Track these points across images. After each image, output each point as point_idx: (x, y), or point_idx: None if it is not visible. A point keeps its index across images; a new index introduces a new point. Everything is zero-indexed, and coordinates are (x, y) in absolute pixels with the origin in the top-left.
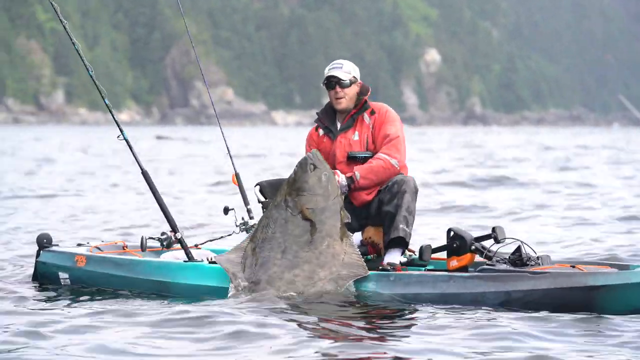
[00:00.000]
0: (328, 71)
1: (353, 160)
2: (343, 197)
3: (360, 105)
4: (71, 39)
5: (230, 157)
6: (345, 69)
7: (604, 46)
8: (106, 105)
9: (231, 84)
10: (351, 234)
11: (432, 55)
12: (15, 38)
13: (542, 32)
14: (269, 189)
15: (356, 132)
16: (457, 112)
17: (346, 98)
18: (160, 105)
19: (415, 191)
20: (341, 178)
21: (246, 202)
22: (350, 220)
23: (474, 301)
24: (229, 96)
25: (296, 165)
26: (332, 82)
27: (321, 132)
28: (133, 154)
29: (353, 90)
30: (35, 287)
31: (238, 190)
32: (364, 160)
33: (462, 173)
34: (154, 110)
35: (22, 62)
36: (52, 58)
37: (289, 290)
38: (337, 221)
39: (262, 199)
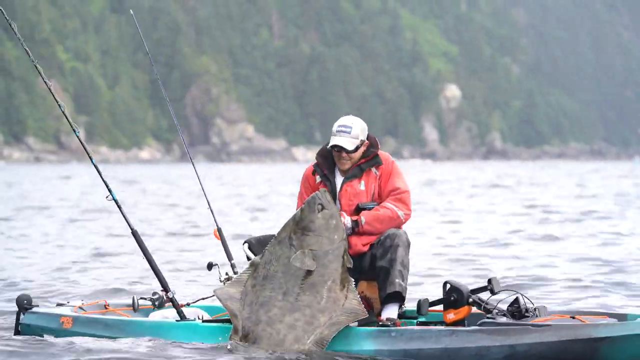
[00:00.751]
0: (335, 136)
1: (359, 211)
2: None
3: (371, 157)
4: (42, 77)
5: (212, 211)
6: (353, 134)
7: (624, 81)
8: (90, 159)
9: (252, 120)
10: (352, 279)
11: (452, 91)
12: (36, 78)
13: (562, 67)
14: (257, 246)
15: (362, 182)
16: (477, 147)
17: (351, 161)
18: (180, 143)
19: (408, 244)
20: (346, 220)
21: (230, 257)
22: (352, 266)
23: (477, 355)
24: (249, 133)
25: (304, 203)
26: (337, 148)
27: (318, 178)
28: (122, 213)
29: (360, 152)
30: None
31: (221, 246)
32: None
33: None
34: (175, 148)
35: (42, 101)
36: (73, 97)
37: (289, 334)
38: (340, 265)
39: (252, 256)
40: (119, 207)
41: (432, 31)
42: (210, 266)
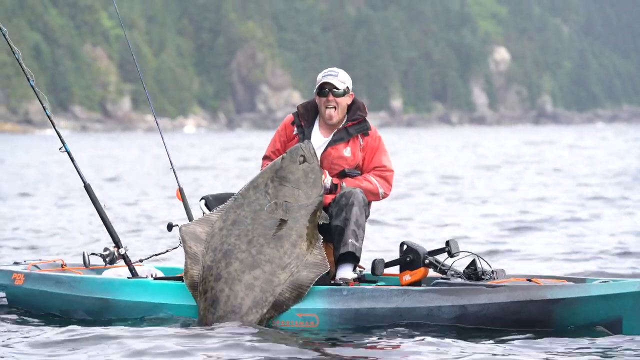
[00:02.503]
0: (322, 78)
1: (343, 176)
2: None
3: (359, 121)
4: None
5: (174, 170)
6: (340, 78)
7: None
8: (47, 114)
9: (297, 86)
10: (321, 237)
11: (502, 54)
12: (81, 45)
13: (615, 27)
14: (214, 203)
15: (348, 148)
16: (527, 111)
17: (338, 109)
18: (226, 111)
19: (365, 203)
20: (327, 179)
21: (190, 218)
22: (327, 222)
23: (429, 315)
24: (295, 99)
25: (286, 152)
26: (325, 90)
27: (295, 129)
28: (75, 166)
29: (345, 101)
30: None
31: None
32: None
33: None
34: (221, 116)
35: (88, 69)
36: (118, 65)
37: (247, 297)
38: (311, 222)
39: (208, 212)
40: (71, 159)
41: None
42: (170, 227)
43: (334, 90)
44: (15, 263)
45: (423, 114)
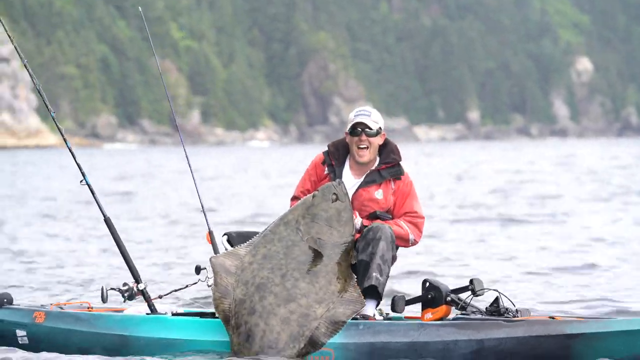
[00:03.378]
0: (354, 117)
1: (374, 219)
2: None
3: (392, 165)
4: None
5: (204, 212)
6: (373, 118)
7: None
8: (62, 137)
9: (371, 98)
10: (355, 276)
11: (584, 64)
12: (150, 58)
13: None
14: (237, 240)
15: (380, 191)
16: (611, 123)
17: (370, 149)
18: (298, 124)
19: (392, 240)
20: (357, 220)
21: None
22: (355, 262)
23: (445, 350)
24: None
25: (318, 189)
26: (358, 130)
27: (326, 169)
28: (95, 199)
29: (377, 141)
30: None
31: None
32: None
33: None
34: (292, 129)
35: (157, 82)
36: (188, 77)
37: (283, 332)
38: (345, 261)
39: (230, 248)
40: (92, 192)
41: (561, 0)
42: (198, 269)
43: (367, 130)
44: (42, 306)
45: (501, 126)
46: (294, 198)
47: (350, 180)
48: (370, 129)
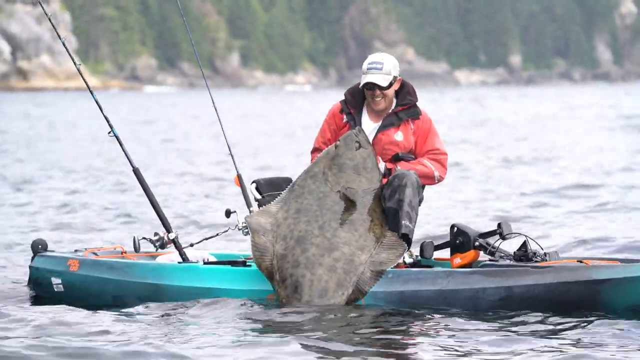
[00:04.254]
0: (366, 73)
1: (397, 161)
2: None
3: (409, 106)
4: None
5: (232, 156)
6: (385, 70)
7: None
8: (90, 92)
9: (412, 42)
10: None
11: (628, 7)
12: (190, 0)
13: None
14: (265, 187)
15: (400, 133)
16: None
17: (385, 99)
18: (337, 67)
19: (418, 185)
20: (381, 165)
21: (249, 204)
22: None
23: (474, 297)
24: (409, 56)
25: (339, 139)
26: (370, 85)
27: (345, 117)
28: (124, 150)
29: (392, 91)
30: (28, 294)
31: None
32: None
33: None
34: (331, 72)
35: (197, 25)
36: (227, 20)
37: (330, 280)
38: (378, 206)
39: (258, 196)
40: (120, 143)
41: None
42: (228, 213)
43: (380, 87)
44: (76, 251)
45: (543, 71)
46: (315, 150)
47: (369, 125)
48: (382, 86)
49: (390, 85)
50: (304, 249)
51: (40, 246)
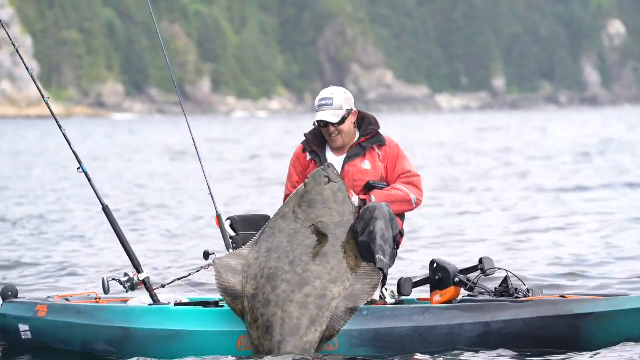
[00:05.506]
0: (317, 111)
1: (369, 190)
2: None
3: (371, 135)
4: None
5: (212, 196)
6: (336, 105)
7: None
8: (59, 126)
9: (390, 65)
10: None
11: (616, 27)
12: (158, 22)
13: None
14: (240, 225)
15: (367, 161)
16: None
17: (342, 135)
18: (313, 92)
19: (390, 218)
20: (354, 198)
21: (228, 246)
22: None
23: (451, 334)
24: (388, 79)
25: (308, 177)
26: (323, 123)
27: (308, 156)
28: (93, 187)
29: (347, 125)
30: None
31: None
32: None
33: None
34: (307, 97)
35: (165, 48)
36: (197, 43)
37: (302, 317)
38: (352, 238)
39: (233, 233)
40: (89, 180)
41: None
42: (207, 255)
43: (331, 123)
44: (48, 297)
45: (528, 94)
46: (286, 197)
47: (335, 160)
48: (333, 123)
49: (344, 120)
50: (274, 286)
51: (10, 292)
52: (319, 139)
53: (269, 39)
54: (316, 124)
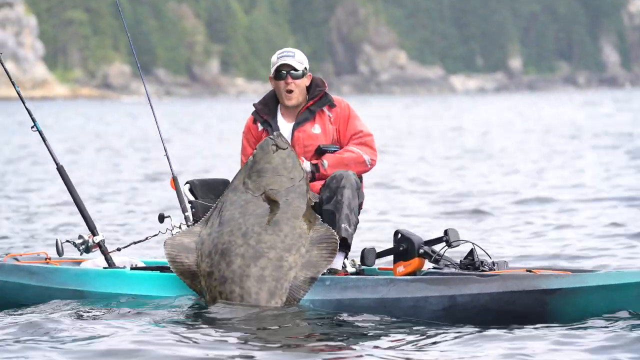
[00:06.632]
0: (278, 59)
1: (321, 154)
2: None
3: (319, 97)
4: None
5: (167, 157)
6: (298, 59)
7: None
8: (14, 85)
9: (404, 46)
10: (319, 216)
11: (637, 5)
12: (166, 2)
13: None
14: (200, 188)
15: (316, 126)
16: None
17: (297, 91)
18: (324, 73)
19: (357, 187)
20: (305, 164)
21: (184, 209)
22: (318, 201)
23: (415, 307)
24: (401, 60)
25: (256, 147)
26: (283, 73)
27: (260, 126)
28: (47, 146)
29: (304, 82)
30: None
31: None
32: None
33: None
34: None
35: (173, 28)
36: (206, 23)
37: (261, 291)
38: (304, 203)
39: (192, 198)
40: (43, 139)
41: None
42: (162, 218)
43: (292, 72)
44: None
45: (545, 75)
46: None
47: (286, 127)
48: (296, 69)
49: (303, 74)
50: (229, 262)
51: None
52: (269, 107)
53: (280, 19)
54: (274, 74)
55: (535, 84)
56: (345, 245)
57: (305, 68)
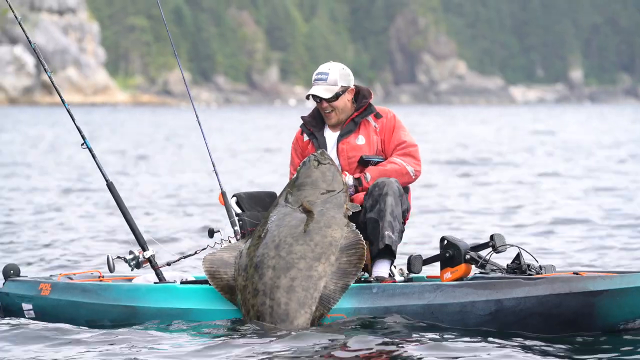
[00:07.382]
0: (313, 83)
1: (364, 165)
2: (349, 195)
3: (364, 108)
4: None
5: (216, 172)
6: (330, 81)
7: None
8: (62, 101)
9: (463, 56)
10: (353, 224)
11: None
12: (226, 9)
13: None
14: (247, 202)
15: (360, 137)
16: None
17: (336, 111)
18: (383, 82)
19: (400, 194)
20: (348, 178)
21: (234, 223)
22: (357, 210)
23: (462, 312)
24: (460, 70)
25: (300, 164)
26: (317, 98)
27: (306, 137)
28: (97, 163)
29: (343, 100)
30: None
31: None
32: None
33: None
34: (377, 88)
35: (233, 36)
36: (266, 31)
37: (290, 301)
38: (339, 213)
39: (238, 211)
40: (93, 156)
41: None
42: (211, 232)
43: (323, 98)
44: (51, 276)
45: (607, 87)
46: None
47: (332, 138)
48: (324, 98)
49: (337, 96)
50: (261, 274)
51: (12, 271)
52: (316, 120)
53: (339, 27)
54: (310, 98)
55: (596, 95)
56: (390, 253)
57: (343, 87)
